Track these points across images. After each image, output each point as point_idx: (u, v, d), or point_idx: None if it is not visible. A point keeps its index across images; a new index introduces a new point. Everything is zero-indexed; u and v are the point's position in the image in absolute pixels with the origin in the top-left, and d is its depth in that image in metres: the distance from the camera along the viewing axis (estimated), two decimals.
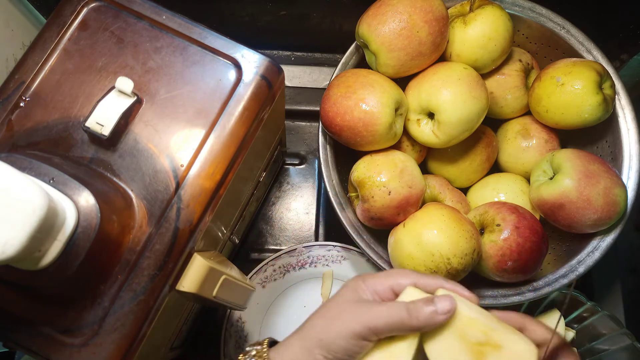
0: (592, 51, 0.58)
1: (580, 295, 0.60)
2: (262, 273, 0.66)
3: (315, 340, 0.36)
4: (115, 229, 0.38)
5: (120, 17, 0.45)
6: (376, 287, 0.38)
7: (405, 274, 0.38)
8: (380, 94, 0.51)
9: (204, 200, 0.42)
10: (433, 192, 0.58)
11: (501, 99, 0.60)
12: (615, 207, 0.51)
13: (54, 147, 0.42)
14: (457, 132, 0.53)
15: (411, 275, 0.38)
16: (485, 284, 0.55)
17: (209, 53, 0.45)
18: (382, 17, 0.52)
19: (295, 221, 0.73)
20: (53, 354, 0.38)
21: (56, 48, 0.44)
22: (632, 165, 0.55)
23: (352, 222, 0.56)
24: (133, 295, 0.39)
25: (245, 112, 0.44)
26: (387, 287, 0.38)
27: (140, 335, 0.39)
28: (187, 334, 0.61)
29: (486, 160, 0.61)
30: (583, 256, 0.54)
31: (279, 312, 0.67)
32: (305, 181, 0.75)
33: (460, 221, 0.50)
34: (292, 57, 0.81)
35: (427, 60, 0.54)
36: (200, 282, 0.42)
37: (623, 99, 0.56)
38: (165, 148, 0.42)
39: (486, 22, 0.53)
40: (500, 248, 0.50)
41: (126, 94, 0.41)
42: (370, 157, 0.54)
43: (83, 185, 0.36)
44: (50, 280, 0.35)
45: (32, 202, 0.31)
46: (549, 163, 0.55)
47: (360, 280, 0.39)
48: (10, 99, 0.43)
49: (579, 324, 0.61)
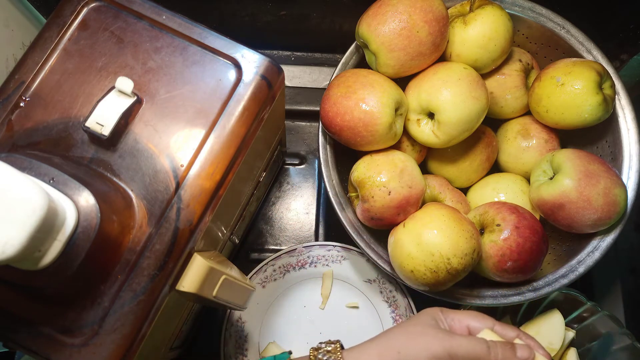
0: (592, 51, 0.58)
1: (580, 295, 0.60)
2: (262, 273, 0.66)
3: (394, 351, 0.37)
4: (115, 229, 0.38)
5: (120, 17, 0.45)
6: (454, 322, 0.40)
7: (485, 318, 0.41)
8: (380, 94, 0.51)
9: (204, 200, 0.42)
10: (433, 192, 0.58)
11: (501, 99, 0.60)
12: (615, 207, 0.51)
13: (54, 147, 0.42)
14: (457, 132, 0.53)
15: (490, 321, 0.40)
16: (485, 284, 0.55)
17: (209, 53, 0.45)
18: (382, 17, 0.52)
19: (295, 221, 0.73)
20: (53, 354, 0.38)
21: (56, 48, 0.44)
22: (632, 165, 0.55)
23: (352, 222, 0.56)
24: (133, 295, 0.39)
25: (245, 112, 0.44)
26: (465, 325, 0.40)
27: (140, 335, 0.39)
28: (187, 334, 0.61)
29: (486, 160, 0.61)
30: (583, 256, 0.54)
31: (279, 312, 0.67)
32: (305, 181, 0.75)
33: (460, 221, 0.50)
34: (292, 57, 0.81)
35: (427, 60, 0.54)
36: (200, 282, 0.42)
37: (623, 99, 0.56)
38: (165, 148, 0.42)
39: (486, 22, 0.53)
40: (500, 248, 0.50)
41: (126, 94, 0.41)
42: (370, 157, 0.54)
43: (83, 185, 0.36)
44: (50, 280, 0.35)
45: (32, 202, 0.31)
46: (549, 163, 0.55)
47: (439, 311, 0.41)
48: (10, 99, 0.43)
49: (579, 324, 0.61)
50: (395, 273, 0.54)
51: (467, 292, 0.55)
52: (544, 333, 0.59)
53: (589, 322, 0.60)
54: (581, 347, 0.61)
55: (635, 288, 0.71)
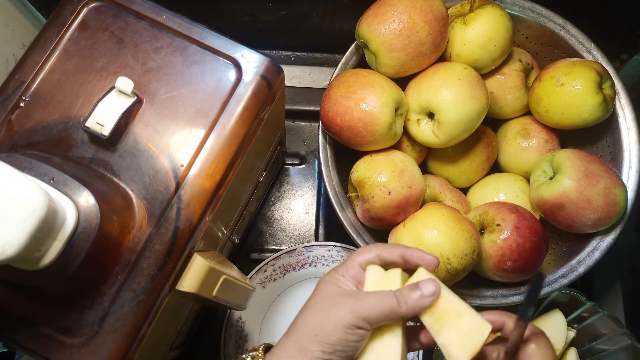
0: (592, 51, 0.58)
1: (580, 295, 0.60)
2: (262, 273, 0.66)
3: (311, 336, 0.36)
4: (115, 229, 0.38)
5: (120, 17, 0.45)
6: (351, 272, 0.39)
7: (368, 249, 0.40)
8: (380, 94, 0.51)
9: (204, 200, 0.42)
10: (433, 192, 0.58)
11: (501, 99, 0.60)
12: (615, 207, 0.51)
13: (54, 147, 0.42)
14: (457, 132, 0.53)
15: (373, 249, 0.40)
16: (485, 284, 0.55)
17: (209, 53, 0.45)
18: (382, 17, 0.52)
19: (295, 221, 0.73)
20: (53, 354, 0.38)
21: (56, 48, 0.44)
22: (632, 165, 0.55)
23: (352, 222, 0.56)
24: (133, 295, 0.39)
25: (245, 112, 0.44)
26: (357, 265, 0.39)
27: (140, 335, 0.39)
28: (187, 334, 0.61)
29: (486, 160, 0.61)
30: (583, 256, 0.54)
31: (279, 312, 0.67)
32: (305, 181, 0.75)
33: (460, 221, 0.50)
34: (292, 57, 0.81)
35: (427, 60, 0.54)
36: (200, 282, 0.42)
37: (623, 99, 0.56)
38: (165, 148, 0.42)
39: (486, 22, 0.53)
40: (500, 248, 0.50)
41: (126, 94, 0.41)
42: (370, 157, 0.54)
43: (83, 185, 0.36)
44: (50, 280, 0.35)
45: (32, 202, 0.31)
46: (549, 163, 0.55)
47: (334, 272, 0.40)
48: (10, 99, 0.43)
49: (579, 324, 0.61)
50: None
51: (467, 292, 0.55)
52: (546, 333, 0.59)
53: (589, 322, 0.60)
54: (581, 347, 0.61)
55: (635, 288, 0.71)
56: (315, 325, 0.37)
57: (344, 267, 0.40)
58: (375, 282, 0.39)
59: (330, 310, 0.37)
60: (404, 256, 0.39)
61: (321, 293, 0.39)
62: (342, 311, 0.36)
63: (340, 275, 0.40)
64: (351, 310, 0.36)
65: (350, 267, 0.40)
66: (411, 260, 0.39)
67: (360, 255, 0.40)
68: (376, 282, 0.39)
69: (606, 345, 0.60)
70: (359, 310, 0.36)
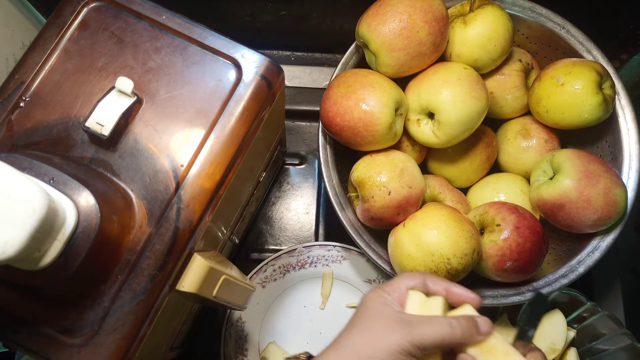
0: (592, 51, 0.58)
1: (580, 295, 0.60)
2: (262, 273, 0.66)
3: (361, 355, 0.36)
4: (115, 229, 0.38)
5: (120, 17, 0.45)
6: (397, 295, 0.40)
7: (414, 276, 0.40)
8: (380, 94, 0.51)
9: (204, 200, 0.42)
10: (433, 192, 0.58)
11: (501, 99, 0.60)
12: (615, 207, 0.51)
13: (54, 147, 0.42)
14: (457, 132, 0.53)
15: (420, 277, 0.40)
16: (485, 284, 0.55)
17: (209, 53, 0.45)
18: (382, 17, 0.52)
19: (295, 221, 0.73)
20: (53, 354, 0.38)
21: (56, 48, 0.44)
22: (632, 165, 0.55)
23: (352, 222, 0.56)
24: (133, 295, 0.39)
25: (245, 112, 0.44)
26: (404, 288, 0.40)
27: (140, 335, 0.39)
28: (187, 334, 0.61)
29: (486, 160, 0.61)
30: (583, 256, 0.54)
31: (279, 312, 0.67)
32: (305, 181, 0.75)
33: (460, 221, 0.50)
34: (292, 57, 0.81)
35: (427, 60, 0.54)
36: (200, 282, 0.42)
37: (623, 99, 0.56)
38: (165, 148, 0.42)
39: (486, 22, 0.53)
40: (500, 248, 0.50)
41: (126, 94, 0.41)
42: (370, 157, 0.54)
43: (83, 185, 0.36)
44: (50, 280, 0.35)
45: (32, 202, 0.31)
46: (549, 163, 0.55)
47: (381, 290, 0.40)
48: (10, 99, 0.43)
49: (579, 324, 0.61)
50: (395, 273, 0.54)
51: None
52: (547, 333, 0.59)
53: (589, 322, 0.60)
54: (581, 347, 0.61)
55: (635, 288, 0.71)
56: (365, 346, 0.37)
57: (390, 287, 0.40)
58: (418, 307, 0.39)
59: (382, 332, 0.37)
60: (449, 290, 0.39)
61: (371, 310, 0.39)
62: (395, 336, 0.36)
63: (387, 294, 0.40)
64: (406, 335, 0.36)
65: (397, 288, 0.40)
66: (456, 296, 0.39)
67: (408, 280, 0.40)
68: (419, 307, 0.39)
69: (606, 345, 0.60)
70: (413, 337, 0.36)
